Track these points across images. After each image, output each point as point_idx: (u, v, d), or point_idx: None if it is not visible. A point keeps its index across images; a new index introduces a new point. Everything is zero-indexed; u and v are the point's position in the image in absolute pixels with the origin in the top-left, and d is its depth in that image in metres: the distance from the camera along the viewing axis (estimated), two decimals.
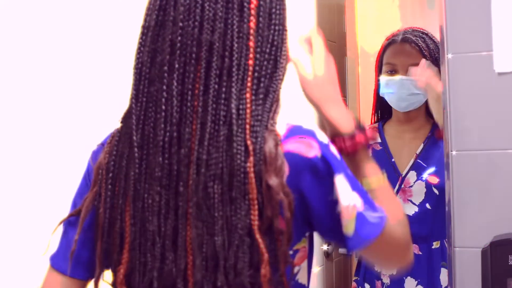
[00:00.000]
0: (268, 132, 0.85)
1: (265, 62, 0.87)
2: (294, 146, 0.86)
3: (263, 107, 0.86)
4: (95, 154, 0.97)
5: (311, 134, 0.88)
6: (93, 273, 0.94)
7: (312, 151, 0.86)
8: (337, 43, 2.83)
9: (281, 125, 0.89)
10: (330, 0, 2.97)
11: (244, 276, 0.82)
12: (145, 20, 0.90)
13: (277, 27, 0.89)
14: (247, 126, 0.84)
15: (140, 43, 0.90)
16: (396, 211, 0.96)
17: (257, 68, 0.86)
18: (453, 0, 1.38)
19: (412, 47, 1.87)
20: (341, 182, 0.87)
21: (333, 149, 0.90)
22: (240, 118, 0.84)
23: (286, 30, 0.92)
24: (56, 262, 0.96)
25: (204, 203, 0.83)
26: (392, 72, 1.88)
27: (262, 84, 0.86)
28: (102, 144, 0.96)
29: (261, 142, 0.83)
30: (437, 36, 1.63)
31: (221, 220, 0.82)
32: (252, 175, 0.82)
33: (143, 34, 0.90)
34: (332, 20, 2.97)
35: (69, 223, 0.95)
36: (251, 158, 0.82)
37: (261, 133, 0.84)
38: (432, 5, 2.89)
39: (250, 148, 0.83)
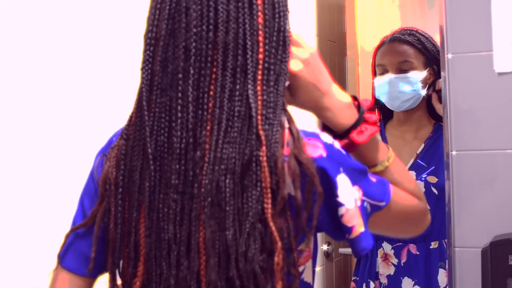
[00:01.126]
0: (288, 116, 0.87)
1: (273, 50, 0.88)
2: None
3: (276, 92, 0.87)
4: (99, 164, 0.96)
5: (315, 135, 0.90)
6: (100, 270, 0.95)
7: (317, 151, 0.87)
8: (337, 43, 2.83)
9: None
10: (330, 0, 2.97)
11: (255, 263, 0.81)
12: (151, 31, 0.89)
13: (281, 13, 0.90)
14: (259, 117, 0.84)
15: (148, 54, 0.89)
16: (410, 180, 1.03)
17: (266, 59, 0.87)
18: (453, 0, 1.38)
19: (401, 45, 1.88)
20: (342, 182, 0.87)
21: (338, 146, 0.91)
22: (255, 111, 0.85)
23: (288, 12, 0.92)
24: (66, 262, 0.95)
25: (216, 200, 0.83)
26: (383, 73, 1.89)
27: (272, 72, 0.87)
28: (104, 154, 0.95)
29: (276, 128, 0.85)
30: (436, 36, 1.64)
31: (232, 213, 0.82)
32: (265, 164, 0.82)
33: (150, 45, 0.89)
34: (332, 20, 2.96)
35: (78, 231, 0.95)
36: (264, 148, 0.83)
37: (276, 118, 0.85)
38: (432, 4, 2.89)
39: (262, 137, 0.83)
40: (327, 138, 0.91)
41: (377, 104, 2.01)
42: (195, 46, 0.86)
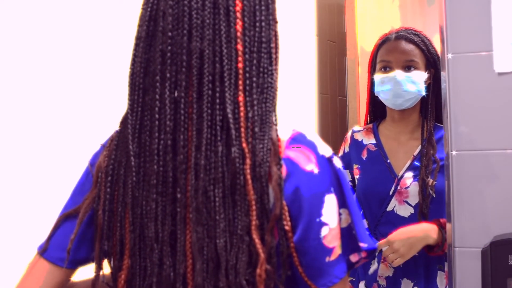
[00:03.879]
0: (273, 131, 0.87)
1: (255, 61, 0.88)
2: (294, 154, 0.87)
3: (263, 106, 0.87)
4: (95, 155, 0.98)
5: (312, 146, 0.89)
6: (81, 262, 0.94)
7: (309, 165, 0.87)
8: (337, 43, 2.84)
9: (287, 130, 0.90)
10: (330, 0, 2.97)
11: (241, 275, 0.82)
12: (138, 32, 0.91)
13: (263, 23, 0.89)
14: (242, 130, 0.85)
15: (134, 54, 0.91)
16: None
17: (247, 69, 0.87)
18: (453, 0, 1.38)
19: (407, 43, 1.87)
20: (329, 201, 0.87)
21: (337, 162, 0.91)
22: (236, 122, 0.85)
23: (276, 22, 0.92)
24: (46, 251, 0.94)
25: (205, 207, 0.83)
26: (387, 69, 1.87)
27: (254, 83, 0.87)
28: (103, 146, 0.97)
29: (266, 144, 0.85)
30: (436, 36, 1.64)
31: (223, 222, 0.83)
32: (248, 176, 0.83)
33: (136, 45, 0.91)
34: (332, 20, 2.96)
35: (66, 217, 0.95)
36: (247, 161, 0.84)
37: (266, 134, 0.85)
38: (432, 1, 2.89)
39: (246, 151, 0.84)
40: (324, 150, 0.90)
41: (372, 103, 1.99)
42: (170, 50, 0.87)
